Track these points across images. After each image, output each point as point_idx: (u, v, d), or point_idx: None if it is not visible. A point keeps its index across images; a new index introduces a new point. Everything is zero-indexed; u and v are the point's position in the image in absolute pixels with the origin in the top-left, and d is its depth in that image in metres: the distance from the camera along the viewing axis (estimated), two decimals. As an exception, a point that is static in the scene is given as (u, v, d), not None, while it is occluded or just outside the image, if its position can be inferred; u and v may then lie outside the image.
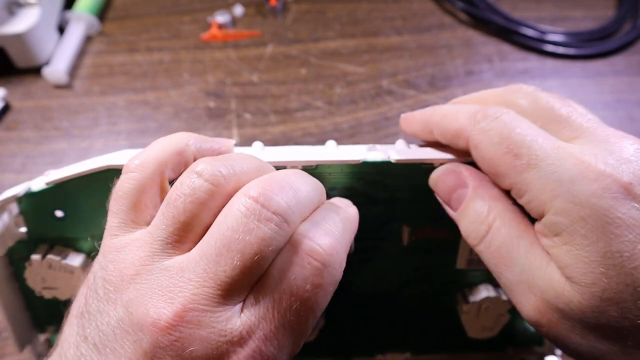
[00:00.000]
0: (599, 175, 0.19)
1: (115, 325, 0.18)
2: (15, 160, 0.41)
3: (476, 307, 0.27)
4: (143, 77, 0.47)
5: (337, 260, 0.20)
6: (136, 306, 0.18)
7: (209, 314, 0.18)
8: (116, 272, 0.19)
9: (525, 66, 0.48)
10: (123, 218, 0.20)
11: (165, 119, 0.44)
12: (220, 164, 0.20)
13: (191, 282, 0.18)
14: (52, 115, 0.44)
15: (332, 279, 0.20)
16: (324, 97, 0.46)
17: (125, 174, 0.21)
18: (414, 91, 0.46)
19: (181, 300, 0.18)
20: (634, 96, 0.47)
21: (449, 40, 0.51)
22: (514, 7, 0.54)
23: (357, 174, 0.25)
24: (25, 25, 0.45)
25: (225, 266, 0.18)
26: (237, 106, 0.45)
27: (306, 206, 0.20)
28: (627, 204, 0.18)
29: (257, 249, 0.18)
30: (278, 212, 0.19)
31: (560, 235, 0.19)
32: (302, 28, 0.51)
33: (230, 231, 0.18)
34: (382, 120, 0.44)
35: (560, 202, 0.19)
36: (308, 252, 0.19)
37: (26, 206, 0.25)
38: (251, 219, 0.18)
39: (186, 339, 0.18)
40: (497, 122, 0.21)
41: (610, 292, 0.18)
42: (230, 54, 0.49)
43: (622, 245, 0.18)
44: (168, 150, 0.21)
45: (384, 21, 0.52)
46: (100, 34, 0.51)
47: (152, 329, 0.18)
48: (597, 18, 0.53)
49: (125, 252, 0.19)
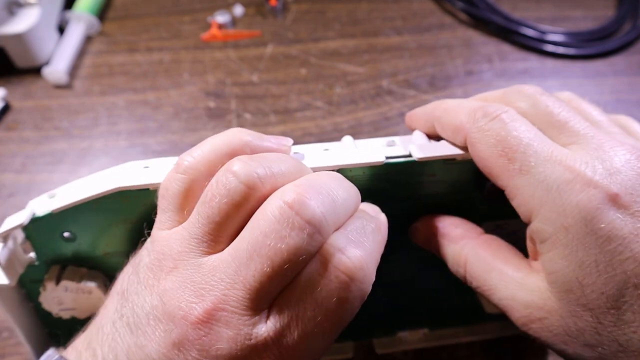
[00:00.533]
0: (585, 184, 0.19)
1: (149, 310, 0.19)
2: (15, 160, 0.41)
3: None
4: (143, 77, 0.47)
5: (367, 274, 0.19)
6: (170, 297, 0.19)
7: (237, 316, 0.18)
8: (157, 262, 0.20)
9: (525, 66, 0.48)
10: (170, 216, 0.21)
11: (165, 119, 0.44)
12: (257, 164, 0.20)
13: (222, 282, 0.18)
14: (52, 115, 0.44)
15: (359, 293, 0.19)
16: (324, 97, 0.46)
17: (175, 174, 0.21)
18: (414, 91, 0.46)
19: (212, 298, 0.18)
20: (634, 96, 0.47)
21: (449, 40, 0.51)
22: (514, 7, 0.54)
23: (380, 174, 0.24)
24: (25, 25, 0.45)
25: (255, 271, 0.18)
26: (237, 106, 0.45)
27: (341, 216, 0.20)
28: (611, 214, 0.19)
29: (287, 257, 0.18)
30: (312, 221, 0.18)
31: (546, 242, 0.20)
32: (302, 28, 0.51)
33: (262, 236, 0.18)
34: (382, 120, 0.44)
35: (546, 210, 0.20)
36: (337, 264, 0.19)
37: (32, 232, 0.24)
38: (284, 225, 0.18)
39: (214, 336, 0.18)
40: (495, 122, 0.21)
41: (585, 299, 0.19)
42: (230, 54, 0.49)
43: (600, 255, 0.19)
44: (220, 151, 0.21)
45: (384, 21, 0.52)
46: (100, 34, 0.51)
47: (182, 322, 0.18)
48: (597, 18, 0.53)
49: (168, 244, 0.20)
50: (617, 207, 0.19)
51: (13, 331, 0.33)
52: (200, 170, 0.20)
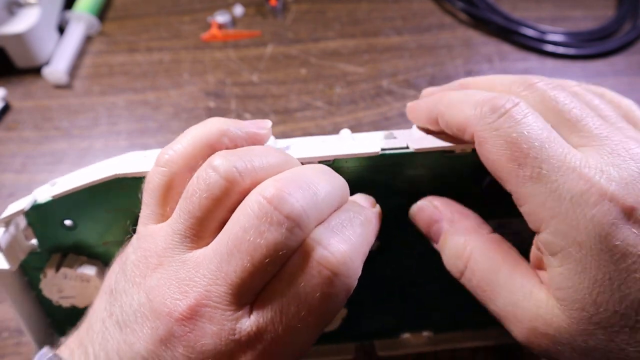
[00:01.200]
0: (600, 197, 0.18)
1: (137, 308, 0.19)
2: (15, 160, 0.41)
3: None
4: (143, 77, 0.47)
5: (351, 268, 0.19)
6: (155, 294, 0.19)
7: (220, 312, 0.18)
8: (143, 259, 0.20)
9: (525, 66, 0.48)
10: (153, 210, 0.21)
11: (165, 119, 0.44)
12: (237, 158, 0.20)
13: (205, 278, 0.19)
14: (52, 115, 0.44)
15: (343, 288, 0.19)
16: (324, 97, 0.46)
17: (156, 167, 0.21)
18: (414, 91, 0.46)
19: (195, 295, 0.18)
20: (634, 96, 0.46)
21: (449, 40, 0.51)
22: (514, 7, 0.54)
23: (376, 166, 0.24)
24: (25, 25, 0.45)
25: (236, 267, 0.18)
26: (237, 106, 0.45)
27: (324, 209, 0.20)
28: (626, 230, 0.18)
29: (266, 252, 0.18)
30: (291, 216, 0.18)
31: (556, 256, 0.19)
32: (302, 28, 0.51)
33: (242, 231, 0.18)
34: (382, 120, 0.44)
35: (558, 223, 0.19)
36: (319, 260, 0.19)
37: (33, 218, 0.25)
38: (263, 221, 0.18)
39: (199, 332, 0.18)
40: (505, 119, 0.20)
41: (599, 317, 0.18)
42: (230, 54, 0.49)
43: (615, 273, 0.18)
44: (199, 143, 0.21)
45: (384, 21, 0.52)
46: (100, 34, 0.51)
47: (167, 318, 0.19)
48: (597, 18, 0.53)
49: (153, 240, 0.20)
50: (633, 221, 0.18)
51: (13, 331, 0.33)
52: (179, 163, 0.21)
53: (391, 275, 0.28)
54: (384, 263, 0.28)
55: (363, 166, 0.24)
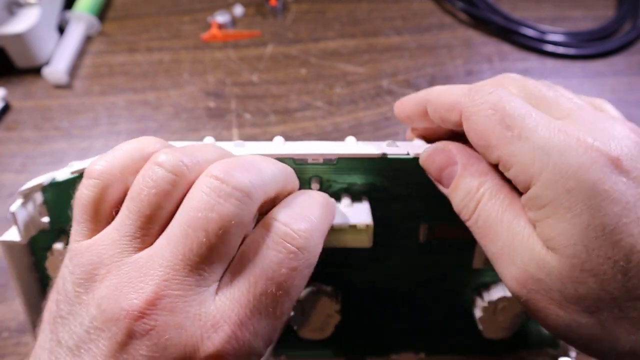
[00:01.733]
0: (587, 148, 0.19)
1: (88, 325, 0.18)
2: (15, 160, 0.41)
3: (492, 307, 0.27)
4: (143, 77, 0.47)
5: (312, 244, 0.20)
6: (107, 302, 0.18)
7: (182, 299, 0.18)
8: (85, 275, 0.19)
9: (525, 66, 0.48)
10: (86, 226, 0.20)
11: (165, 119, 0.44)
12: (181, 153, 0.20)
13: (161, 268, 0.18)
14: (52, 115, 0.44)
15: (307, 263, 0.19)
16: (324, 97, 0.46)
17: (87, 180, 0.20)
18: (414, 91, 0.46)
19: (152, 287, 0.18)
20: (634, 96, 0.47)
21: (449, 40, 0.51)
22: (514, 7, 0.54)
23: (378, 169, 0.24)
24: (25, 25, 0.45)
25: (192, 245, 0.18)
26: (237, 106, 0.45)
27: (270, 184, 0.20)
28: (614, 177, 0.18)
29: (220, 223, 0.18)
30: (239, 187, 0.19)
31: (545, 207, 0.19)
32: (302, 28, 0.51)
33: (193, 211, 0.18)
34: (382, 120, 0.44)
35: (547, 174, 0.19)
36: (282, 235, 0.19)
37: (50, 196, 0.25)
38: (212, 196, 0.18)
39: (161, 327, 0.17)
40: (492, 95, 0.21)
41: (591, 264, 0.18)
42: (230, 54, 0.49)
43: (606, 218, 0.18)
44: (135, 155, 0.21)
45: (384, 21, 0.52)
46: (100, 34, 0.51)
47: (125, 320, 0.17)
48: (597, 18, 0.53)
49: (95, 252, 0.19)
50: (619, 170, 0.18)
51: (13, 331, 0.33)
52: (115, 174, 0.20)
53: (384, 286, 0.28)
54: (377, 270, 0.28)
55: (365, 168, 0.24)
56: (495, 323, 0.28)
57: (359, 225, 0.24)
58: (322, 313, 0.27)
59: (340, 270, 0.27)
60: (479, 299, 0.28)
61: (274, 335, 0.19)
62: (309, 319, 0.27)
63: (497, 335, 0.28)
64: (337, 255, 0.26)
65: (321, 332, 0.27)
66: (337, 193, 0.25)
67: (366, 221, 0.24)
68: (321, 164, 0.24)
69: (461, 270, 0.28)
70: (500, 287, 0.28)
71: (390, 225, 0.26)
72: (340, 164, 0.24)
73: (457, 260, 0.27)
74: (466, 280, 0.28)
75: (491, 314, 0.28)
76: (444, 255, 0.27)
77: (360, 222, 0.24)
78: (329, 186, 0.25)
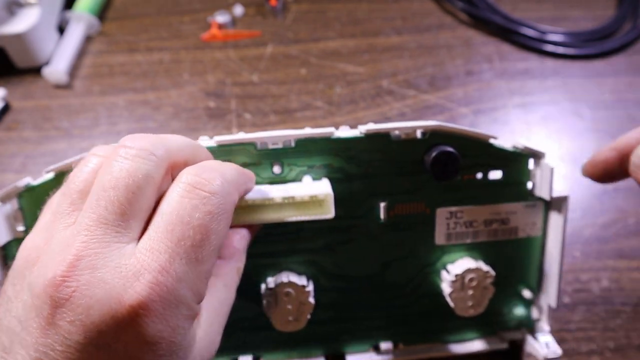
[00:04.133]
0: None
1: (21, 312, 0.18)
2: (15, 160, 0.41)
3: (460, 281, 0.28)
4: (143, 77, 0.47)
5: (225, 191, 0.21)
6: (35, 282, 0.18)
7: (101, 255, 0.18)
8: (16, 270, 0.20)
9: (525, 66, 0.48)
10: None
11: (165, 119, 0.44)
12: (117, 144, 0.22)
13: (79, 235, 0.19)
14: (52, 115, 0.44)
15: (221, 207, 0.20)
16: (324, 97, 0.46)
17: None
18: (414, 91, 0.46)
19: (73, 251, 0.18)
20: (634, 96, 0.47)
21: (449, 40, 0.51)
22: (514, 7, 0.54)
23: (334, 150, 0.26)
24: (25, 25, 0.45)
25: (106, 204, 0.19)
26: (237, 106, 0.45)
27: (174, 149, 0.21)
28: None
29: (127, 178, 0.19)
30: (142, 147, 0.20)
31: None
32: (302, 28, 0.51)
33: (104, 175, 0.20)
34: (382, 120, 0.44)
35: None
36: (194, 183, 0.20)
37: (26, 201, 0.25)
38: (119, 160, 0.20)
39: (84, 287, 0.18)
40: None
41: None
42: (230, 54, 0.49)
43: None
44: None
45: (384, 21, 0.52)
46: (100, 34, 0.51)
47: (49, 289, 0.18)
48: (597, 18, 0.53)
49: (28, 240, 0.21)
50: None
51: None
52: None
53: (354, 271, 0.29)
54: (344, 254, 0.28)
55: (321, 149, 0.26)
56: (465, 298, 0.28)
57: (319, 195, 0.25)
58: (295, 301, 0.27)
59: (308, 257, 0.28)
60: (445, 273, 0.29)
61: (200, 284, 0.20)
62: (283, 309, 0.27)
63: (469, 312, 0.29)
64: (303, 240, 0.27)
65: (297, 322, 0.28)
66: (298, 176, 0.26)
67: (325, 191, 0.25)
68: (281, 148, 0.26)
69: (425, 247, 0.28)
70: (464, 261, 0.28)
71: (352, 207, 0.27)
72: (298, 147, 0.26)
73: (419, 237, 0.28)
74: (432, 258, 0.29)
75: (459, 289, 0.28)
76: (407, 233, 0.28)
77: (320, 192, 0.25)
78: (290, 170, 0.26)
